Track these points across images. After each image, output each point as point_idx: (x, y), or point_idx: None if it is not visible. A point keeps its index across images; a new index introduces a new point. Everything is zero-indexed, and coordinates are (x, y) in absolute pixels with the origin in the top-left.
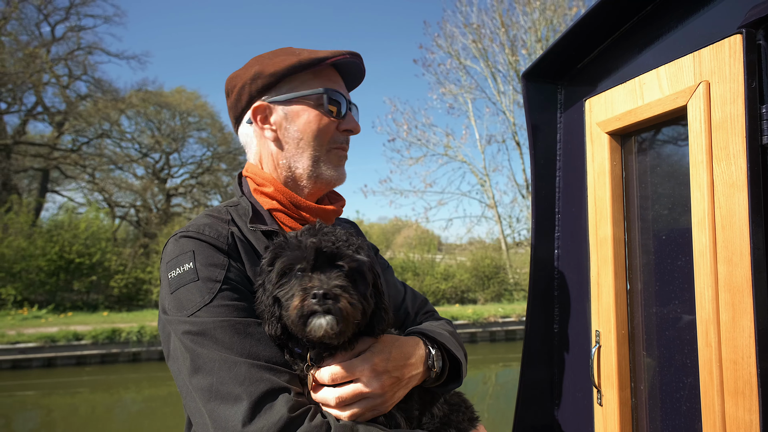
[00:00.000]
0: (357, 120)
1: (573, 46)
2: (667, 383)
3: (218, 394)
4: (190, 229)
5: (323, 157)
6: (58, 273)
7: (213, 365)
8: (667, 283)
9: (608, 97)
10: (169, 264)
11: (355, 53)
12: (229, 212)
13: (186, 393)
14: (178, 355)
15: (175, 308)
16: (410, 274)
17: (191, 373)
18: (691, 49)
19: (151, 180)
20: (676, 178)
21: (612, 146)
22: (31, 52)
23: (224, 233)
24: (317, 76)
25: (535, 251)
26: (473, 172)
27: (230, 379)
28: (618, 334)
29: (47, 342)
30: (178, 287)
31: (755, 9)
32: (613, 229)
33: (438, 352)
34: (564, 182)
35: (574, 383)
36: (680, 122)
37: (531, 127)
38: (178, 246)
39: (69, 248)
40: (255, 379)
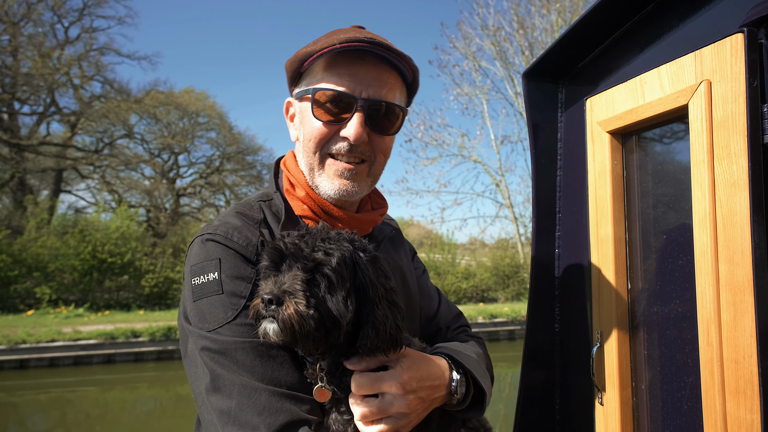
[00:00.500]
0: (378, 124)
1: (574, 45)
2: (668, 383)
3: (237, 420)
4: (218, 232)
5: (317, 167)
6: (91, 272)
7: (233, 389)
8: (668, 283)
9: (609, 96)
10: (193, 268)
11: (366, 40)
12: (261, 209)
13: (202, 403)
14: (197, 365)
15: (197, 319)
16: (432, 274)
17: (210, 391)
18: (693, 48)
19: (159, 180)
20: (677, 177)
21: (613, 145)
22: (45, 54)
23: (254, 241)
24: (328, 69)
25: (536, 250)
26: (488, 172)
27: (250, 407)
28: (619, 333)
29: (107, 339)
30: (201, 297)
31: (756, 8)
32: (614, 228)
33: (462, 377)
34: (565, 181)
35: (575, 383)
36: (681, 121)
37: (532, 126)
38: (204, 250)
39: (101, 248)
40: (275, 409)
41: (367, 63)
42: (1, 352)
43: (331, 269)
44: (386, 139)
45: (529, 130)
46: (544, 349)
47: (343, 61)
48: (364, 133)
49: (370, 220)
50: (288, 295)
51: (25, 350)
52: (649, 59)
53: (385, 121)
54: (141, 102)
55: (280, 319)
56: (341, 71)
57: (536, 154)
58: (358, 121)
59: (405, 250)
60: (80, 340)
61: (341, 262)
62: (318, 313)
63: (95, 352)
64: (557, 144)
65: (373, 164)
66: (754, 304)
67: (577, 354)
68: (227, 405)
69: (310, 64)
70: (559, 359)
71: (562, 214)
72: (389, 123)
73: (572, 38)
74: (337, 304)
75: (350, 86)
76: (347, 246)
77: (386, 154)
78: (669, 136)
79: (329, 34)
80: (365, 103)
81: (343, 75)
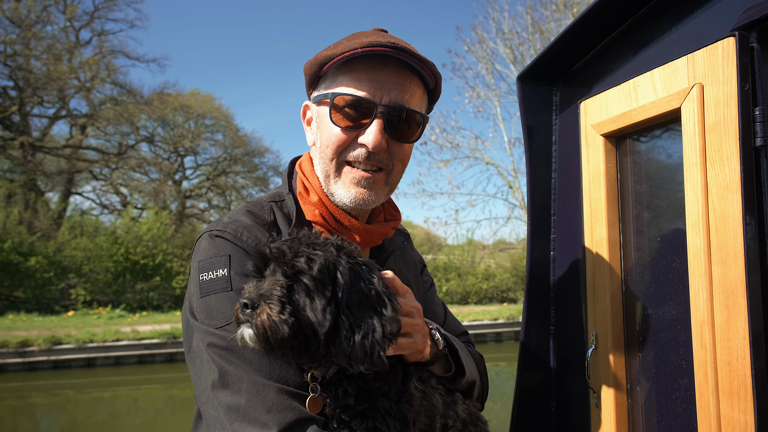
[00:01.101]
0: (398, 131)
1: (568, 49)
2: (662, 385)
3: (246, 417)
4: (227, 230)
5: (333, 174)
6: (124, 274)
7: (241, 385)
8: (662, 285)
9: (603, 100)
10: (201, 264)
11: (388, 45)
12: (272, 210)
13: (207, 399)
14: (203, 360)
15: (204, 315)
16: (454, 274)
17: (218, 386)
18: (685, 51)
19: (164, 182)
20: (671, 180)
21: (607, 148)
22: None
23: (263, 241)
24: (348, 73)
25: (531, 253)
26: (500, 173)
27: (258, 403)
28: (614, 335)
29: (169, 338)
30: (209, 293)
31: (748, 12)
32: (608, 230)
33: (443, 340)
34: (559, 184)
35: (571, 384)
36: (674, 124)
37: (526, 129)
38: (214, 246)
39: (134, 250)
40: (284, 406)
41: (388, 68)
42: (70, 351)
43: (311, 276)
44: (405, 147)
45: (523, 133)
46: (540, 351)
47: (363, 66)
48: (383, 140)
49: (381, 232)
50: (264, 299)
51: (92, 349)
52: (643, 63)
53: (405, 128)
54: (151, 104)
55: (254, 324)
56: (361, 76)
57: (531, 156)
58: (377, 128)
59: (414, 262)
60: (144, 339)
61: (323, 269)
62: (295, 320)
63: (158, 351)
64: (552, 147)
65: (390, 173)
66: (747, 306)
67: (572, 356)
68: (236, 401)
69: (330, 68)
70: (554, 361)
71: (557, 216)
72: (409, 130)
73: (566, 41)
74: (315, 312)
75: (371, 91)
76: (332, 252)
77: (404, 162)
78: (662, 139)
79: (350, 37)
80: (385, 110)
81: (364, 80)
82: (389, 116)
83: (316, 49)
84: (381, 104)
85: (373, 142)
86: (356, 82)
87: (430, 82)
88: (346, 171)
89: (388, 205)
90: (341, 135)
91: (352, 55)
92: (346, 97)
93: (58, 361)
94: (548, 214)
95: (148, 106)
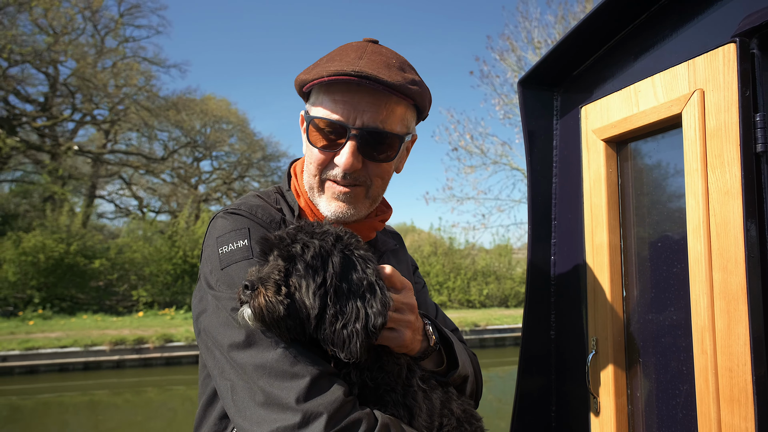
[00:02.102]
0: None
1: (569, 54)
2: (663, 390)
3: (273, 371)
4: (242, 208)
5: (316, 188)
6: (183, 276)
7: (270, 343)
8: (663, 290)
9: (604, 105)
10: (220, 239)
11: (352, 73)
12: (278, 200)
13: (223, 369)
14: (223, 332)
15: (225, 285)
16: (492, 278)
17: (244, 347)
18: (686, 57)
19: (179, 185)
20: (671, 185)
21: (608, 153)
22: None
23: (277, 218)
24: (325, 94)
25: (532, 258)
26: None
27: (286, 358)
28: (614, 341)
29: None
30: (231, 263)
31: (749, 18)
32: (608, 235)
33: (435, 333)
34: (560, 189)
35: (571, 390)
36: (675, 130)
37: (527, 133)
38: (232, 221)
39: (191, 253)
40: (311, 360)
41: (362, 90)
42: (181, 348)
43: (304, 261)
44: (383, 165)
45: (524, 138)
46: (540, 357)
47: (339, 88)
48: (357, 162)
49: (369, 226)
50: (262, 282)
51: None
52: (643, 68)
53: (380, 148)
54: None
55: (251, 304)
56: (337, 98)
57: (532, 161)
58: (349, 151)
59: (407, 264)
60: None
61: (316, 255)
62: (291, 302)
63: None
64: (553, 151)
65: (370, 188)
66: (748, 312)
67: (572, 361)
68: (263, 358)
69: (309, 89)
70: (554, 366)
71: (558, 221)
72: (387, 149)
73: (567, 46)
74: (307, 296)
75: (344, 113)
76: (329, 240)
77: (384, 177)
78: (663, 144)
79: (328, 59)
80: (358, 132)
81: (338, 102)
82: (363, 138)
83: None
84: (354, 127)
85: (344, 164)
86: (332, 104)
87: (408, 101)
88: (328, 186)
89: (380, 203)
90: (320, 155)
91: (320, 83)
92: (322, 120)
93: (170, 357)
94: (549, 218)
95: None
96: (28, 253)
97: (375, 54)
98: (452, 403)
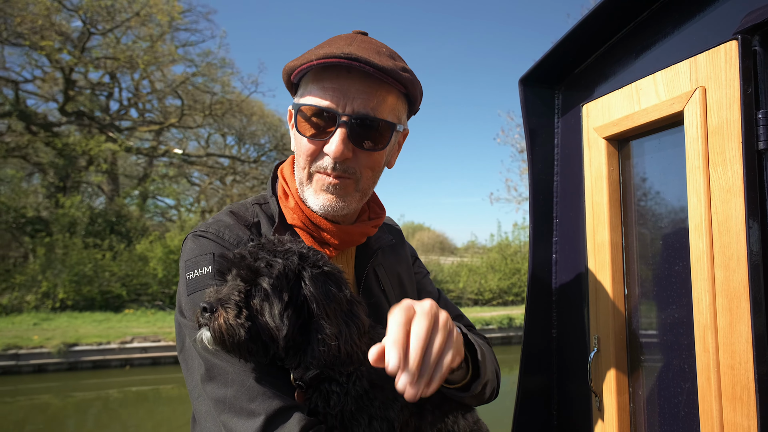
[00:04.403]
0: (363, 140)
1: (570, 52)
2: (665, 388)
3: (232, 407)
4: (210, 230)
5: (305, 181)
6: None
7: (227, 377)
8: (665, 288)
9: (605, 103)
10: (187, 263)
11: (342, 55)
12: (255, 213)
13: (198, 395)
14: (193, 357)
15: (191, 312)
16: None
17: (205, 380)
18: (687, 54)
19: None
20: (673, 183)
21: (609, 151)
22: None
23: (244, 239)
24: (314, 83)
25: (533, 256)
26: None
27: (244, 393)
28: (616, 339)
29: None
30: (196, 290)
31: (751, 15)
32: (610, 234)
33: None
34: (561, 187)
35: (573, 388)
36: (677, 127)
37: (528, 132)
38: (198, 246)
39: None
40: (268, 395)
41: (353, 77)
42: None
43: (269, 282)
44: (374, 155)
45: (525, 136)
46: (542, 355)
47: (329, 75)
48: (347, 150)
49: (361, 232)
50: (221, 304)
51: None
52: (645, 66)
53: (371, 136)
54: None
55: (211, 327)
56: (326, 85)
57: (533, 159)
58: (339, 138)
59: (406, 255)
60: None
61: (280, 275)
62: (252, 324)
63: None
64: (554, 150)
65: (359, 180)
66: (750, 310)
67: (574, 359)
68: (223, 393)
69: (298, 77)
70: (556, 365)
71: (559, 219)
72: (377, 137)
73: (568, 44)
74: (272, 317)
75: (334, 100)
76: (294, 259)
77: (375, 169)
78: (664, 142)
79: (318, 46)
80: (348, 119)
81: (328, 89)
82: (353, 125)
83: None
84: (344, 114)
85: (335, 152)
86: (321, 92)
87: (399, 88)
88: (317, 178)
89: (373, 204)
90: (309, 145)
91: (309, 67)
92: (311, 108)
93: None
94: (550, 217)
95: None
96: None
97: (365, 42)
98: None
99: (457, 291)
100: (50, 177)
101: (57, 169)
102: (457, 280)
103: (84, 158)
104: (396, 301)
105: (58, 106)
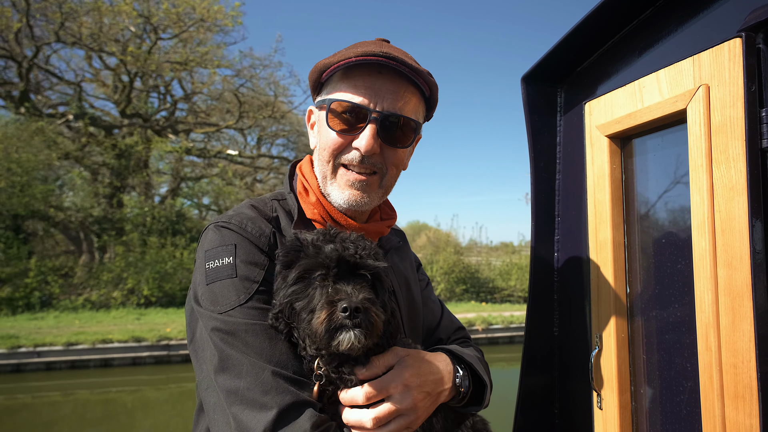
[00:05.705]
0: (391, 137)
1: (573, 50)
2: (667, 387)
3: (244, 400)
4: (232, 221)
5: (329, 176)
6: None
7: (241, 369)
8: (667, 287)
9: (608, 101)
10: (208, 253)
11: (381, 54)
12: (275, 208)
13: (207, 386)
14: (205, 347)
15: (208, 301)
16: None
17: (218, 370)
18: (691, 52)
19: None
20: (676, 181)
21: (612, 149)
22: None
23: (267, 232)
24: (345, 80)
25: (535, 254)
26: None
27: (257, 386)
28: (618, 337)
29: None
30: (215, 280)
31: (754, 13)
32: (612, 232)
33: (465, 372)
34: (564, 185)
35: (574, 387)
36: (680, 125)
37: (531, 129)
38: (220, 236)
39: None
40: (282, 389)
41: (384, 76)
42: None
43: (386, 273)
44: (399, 152)
45: (528, 134)
46: (544, 354)
47: (360, 74)
48: (376, 145)
49: (377, 231)
50: (369, 302)
51: None
52: (648, 63)
53: (398, 134)
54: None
55: (367, 325)
56: (358, 83)
57: (535, 157)
58: (370, 133)
59: (411, 260)
60: None
61: (385, 270)
62: (383, 316)
63: None
64: (556, 148)
65: (384, 176)
66: (753, 309)
67: (576, 358)
68: (235, 384)
69: (329, 75)
70: (558, 363)
71: (561, 218)
72: (402, 136)
73: (571, 42)
74: (385, 305)
75: (366, 98)
76: (381, 253)
77: (399, 166)
78: (667, 140)
79: (350, 47)
80: (379, 116)
81: (360, 87)
82: (383, 122)
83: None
84: (375, 110)
85: (365, 146)
86: (353, 89)
87: (425, 90)
88: (341, 173)
89: (384, 205)
90: (337, 138)
91: (347, 64)
92: (342, 103)
93: None
94: (552, 215)
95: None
96: None
97: (393, 47)
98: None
99: (509, 289)
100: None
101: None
102: (507, 278)
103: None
104: (404, 301)
105: (119, 108)
